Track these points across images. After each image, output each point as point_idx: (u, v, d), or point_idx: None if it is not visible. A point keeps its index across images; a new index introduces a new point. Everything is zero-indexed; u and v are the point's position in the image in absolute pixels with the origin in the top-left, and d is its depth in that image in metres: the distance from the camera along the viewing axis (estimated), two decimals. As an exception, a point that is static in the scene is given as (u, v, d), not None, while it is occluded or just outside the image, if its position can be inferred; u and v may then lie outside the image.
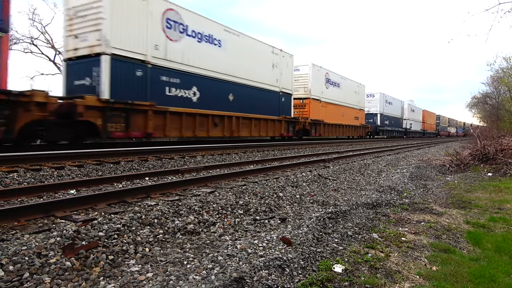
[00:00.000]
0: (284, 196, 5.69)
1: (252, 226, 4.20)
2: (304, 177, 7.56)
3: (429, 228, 4.37)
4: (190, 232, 3.82)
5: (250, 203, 4.97)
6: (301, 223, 4.10)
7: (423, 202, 5.85)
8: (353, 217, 4.51)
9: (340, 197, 5.99)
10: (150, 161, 9.19)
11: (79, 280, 2.62)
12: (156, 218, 3.90)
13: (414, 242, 3.80)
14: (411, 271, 3.03)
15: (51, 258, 2.76)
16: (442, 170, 11.04)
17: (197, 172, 7.97)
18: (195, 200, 4.79)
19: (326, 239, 3.60)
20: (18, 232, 3.38)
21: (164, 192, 5.50)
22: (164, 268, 2.88)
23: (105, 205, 4.60)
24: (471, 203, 6.02)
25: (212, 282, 2.49)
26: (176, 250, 3.33)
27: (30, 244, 2.93)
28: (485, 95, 45.76)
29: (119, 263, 2.98)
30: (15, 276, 2.50)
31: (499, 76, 35.13)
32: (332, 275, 2.77)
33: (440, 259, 3.35)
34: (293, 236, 3.52)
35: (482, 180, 8.69)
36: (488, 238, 4.10)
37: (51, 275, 2.60)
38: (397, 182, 7.67)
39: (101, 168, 7.66)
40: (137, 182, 6.43)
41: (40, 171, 6.81)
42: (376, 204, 5.35)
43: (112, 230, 3.40)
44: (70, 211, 4.22)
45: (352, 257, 3.17)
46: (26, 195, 4.88)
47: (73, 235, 3.13)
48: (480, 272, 3.05)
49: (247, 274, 2.59)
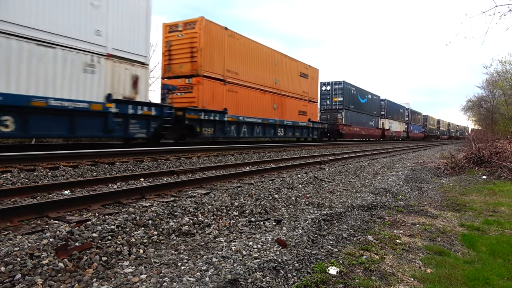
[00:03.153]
0: (280, 198, 5.68)
1: (247, 227, 4.19)
2: (300, 179, 7.56)
3: (424, 230, 4.38)
4: (185, 234, 3.80)
5: (245, 205, 4.96)
6: (296, 225, 4.09)
7: (418, 205, 5.87)
8: (348, 219, 4.51)
9: (335, 199, 5.99)
10: (146, 162, 9.15)
11: (71, 282, 2.59)
12: (150, 219, 3.87)
13: (408, 244, 3.80)
14: (405, 273, 3.03)
15: (43, 259, 2.73)
16: (437, 172, 11.09)
17: (192, 173, 7.95)
18: (190, 202, 4.78)
19: (321, 241, 3.60)
20: (11, 233, 3.35)
21: (159, 193, 5.47)
22: (158, 269, 2.86)
23: (99, 206, 4.57)
24: (466, 205, 6.05)
25: (206, 284, 2.47)
26: (171, 252, 3.31)
27: (23, 245, 2.90)
28: (480, 98, 46.06)
29: (113, 264, 2.96)
30: (7, 277, 2.47)
31: (494, 80, 35.38)
32: (326, 277, 2.76)
33: (434, 261, 3.36)
34: (288, 238, 3.51)
35: (477, 183, 8.73)
36: (482, 241, 4.12)
37: (44, 277, 2.57)
38: (392, 184, 7.69)
39: (96, 169, 7.61)
40: (132, 183, 6.40)
41: (34, 171, 6.75)
42: (371, 206, 5.35)
43: (106, 231, 3.38)
44: (64, 212, 4.18)
45: (347, 259, 3.17)
46: (20, 195, 4.84)
47: (66, 236, 3.10)
48: (474, 274, 3.06)
49: (242, 276, 2.58)
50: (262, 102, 19.36)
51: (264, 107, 19.54)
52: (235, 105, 17.18)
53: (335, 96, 31.12)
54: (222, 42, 16.21)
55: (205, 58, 15.19)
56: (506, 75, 31.45)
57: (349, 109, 31.76)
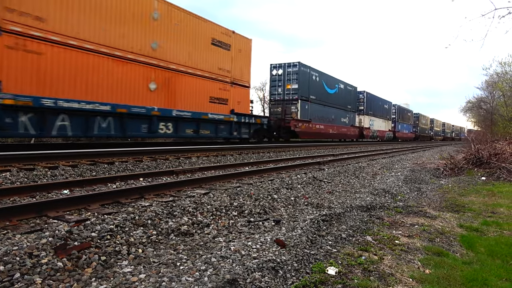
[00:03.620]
0: (279, 198, 5.68)
1: (246, 228, 4.19)
2: (299, 179, 7.57)
3: (422, 231, 4.38)
4: (184, 234, 3.80)
5: (245, 205, 4.96)
6: (295, 225, 4.10)
7: (417, 205, 5.87)
8: (347, 220, 4.51)
9: (334, 200, 6.00)
10: (145, 161, 9.15)
11: (70, 281, 2.59)
12: (149, 219, 3.87)
13: (407, 245, 3.80)
14: (404, 274, 3.03)
15: (42, 259, 2.73)
16: (436, 173, 11.11)
17: (191, 173, 7.95)
18: (189, 201, 4.78)
19: (320, 242, 3.60)
20: (10, 232, 3.34)
21: (158, 193, 5.47)
22: (157, 269, 2.86)
23: (98, 205, 4.57)
24: (465, 206, 6.05)
25: (205, 283, 2.47)
26: (169, 252, 3.31)
27: (22, 244, 2.90)
28: (480, 99, 46.10)
29: (112, 264, 2.96)
30: (6, 276, 2.47)
31: (494, 81, 35.43)
32: (325, 277, 2.77)
33: (433, 262, 3.36)
34: (287, 238, 3.51)
35: (475, 184, 8.74)
36: (481, 242, 4.12)
37: (43, 276, 2.57)
38: (391, 185, 7.69)
39: (95, 168, 7.61)
40: (131, 182, 6.40)
41: (33, 170, 6.75)
42: (370, 207, 5.36)
43: (105, 230, 3.37)
44: (63, 211, 4.18)
45: (345, 260, 3.17)
46: (19, 194, 4.84)
47: (65, 236, 3.10)
48: (473, 275, 3.06)
49: (240, 276, 2.58)
50: (119, 77, 11.29)
51: (124, 86, 11.43)
52: (35, 78, 9.13)
53: (289, 82, 23.25)
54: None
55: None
56: (505, 77, 31.51)
57: (309, 100, 24.07)
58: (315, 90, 25.09)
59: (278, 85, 23.75)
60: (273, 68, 24.01)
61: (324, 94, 26.51)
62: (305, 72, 23.76)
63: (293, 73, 23.14)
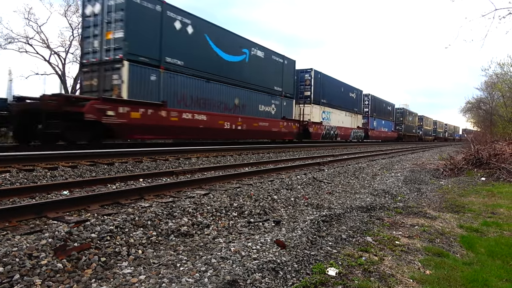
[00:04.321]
0: (279, 199, 5.68)
1: (246, 228, 4.19)
2: (299, 180, 7.56)
3: (422, 232, 4.38)
4: (184, 234, 3.80)
5: (245, 206, 4.96)
6: (295, 226, 4.09)
7: (417, 206, 5.87)
8: (347, 221, 4.51)
9: (334, 200, 6.00)
10: (145, 162, 9.14)
11: (70, 282, 2.59)
12: (149, 220, 3.87)
13: (407, 246, 3.80)
14: (404, 275, 3.03)
15: (42, 260, 2.72)
16: (436, 174, 11.11)
17: (191, 174, 7.94)
18: (189, 202, 4.77)
19: (320, 242, 3.60)
20: (9, 233, 3.34)
21: (158, 194, 5.46)
22: (157, 270, 2.86)
23: (98, 206, 4.56)
24: (465, 207, 6.05)
25: (205, 285, 2.47)
26: (169, 252, 3.31)
27: (21, 245, 2.89)
28: (479, 100, 46.11)
29: (112, 265, 2.95)
30: (5, 277, 2.47)
31: (493, 82, 35.44)
32: (326, 278, 2.76)
33: (433, 263, 3.36)
34: (287, 239, 3.51)
35: (475, 185, 8.74)
36: (481, 243, 4.12)
37: (42, 277, 2.56)
38: (391, 185, 7.69)
39: (95, 169, 7.60)
40: (131, 183, 6.39)
41: (33, 171, 6.74)
42: (370, 208, 5.35)
43: (105, 231, 3.37)
44: (63, 212, 4.17)
45: (346, 261, 3.17)
46: (18, 195, 4.82)
47: (65, 237, 3.10)
48: (473, 276, 3.06)
49: (241, 277, 2.58)
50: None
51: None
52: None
53: (109, 28, 11.92)
54: None
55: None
56: (505, 77, 31.53)
57: (161, 66, 12.78)
58: (183, 47, 13.73)
59: (94, 35, 12.35)
60: (86, 3, 12.63)
61: (210, 60, 15.19)
62: (146, 9, 12.19)
63: (117, 9, 11.76)
